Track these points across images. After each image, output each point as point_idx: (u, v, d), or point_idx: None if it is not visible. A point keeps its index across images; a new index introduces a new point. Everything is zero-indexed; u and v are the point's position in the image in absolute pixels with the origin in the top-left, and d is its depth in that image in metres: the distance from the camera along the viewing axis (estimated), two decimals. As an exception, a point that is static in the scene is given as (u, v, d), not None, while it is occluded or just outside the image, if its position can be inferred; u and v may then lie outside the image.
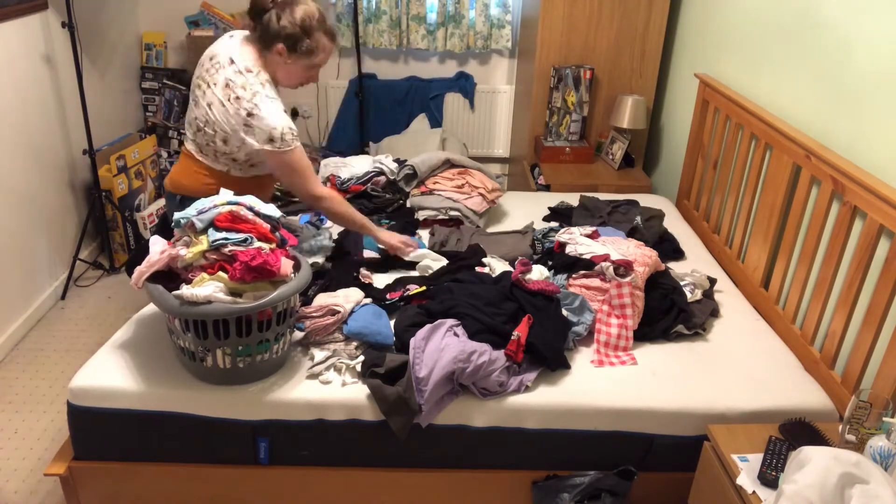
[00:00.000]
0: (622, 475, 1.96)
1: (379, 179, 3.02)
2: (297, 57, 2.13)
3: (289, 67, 2.15)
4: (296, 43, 2.10)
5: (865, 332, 1.90)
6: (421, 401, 1.86)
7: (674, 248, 2.74)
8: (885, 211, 1.83)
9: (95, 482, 2.00)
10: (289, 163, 2.15)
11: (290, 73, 2.18)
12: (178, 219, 1.84)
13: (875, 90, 1.99)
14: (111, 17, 3.85)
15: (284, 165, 2.16)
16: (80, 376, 1.94)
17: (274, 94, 2.14)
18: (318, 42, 2.13)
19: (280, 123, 2.09)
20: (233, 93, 2.09)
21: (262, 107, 2.09)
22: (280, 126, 2.09)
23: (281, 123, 2.09)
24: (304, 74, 2.20)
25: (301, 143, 2.19)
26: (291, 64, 2.14)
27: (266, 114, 2.08)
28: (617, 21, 3.50)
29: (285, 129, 2.10)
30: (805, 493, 1.40)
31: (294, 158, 2.15)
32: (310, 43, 2.12)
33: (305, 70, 2.19)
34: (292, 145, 2.13)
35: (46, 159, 3.21)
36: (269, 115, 2.09)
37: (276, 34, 2.09)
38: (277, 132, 2.08)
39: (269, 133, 2.08)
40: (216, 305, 1.71)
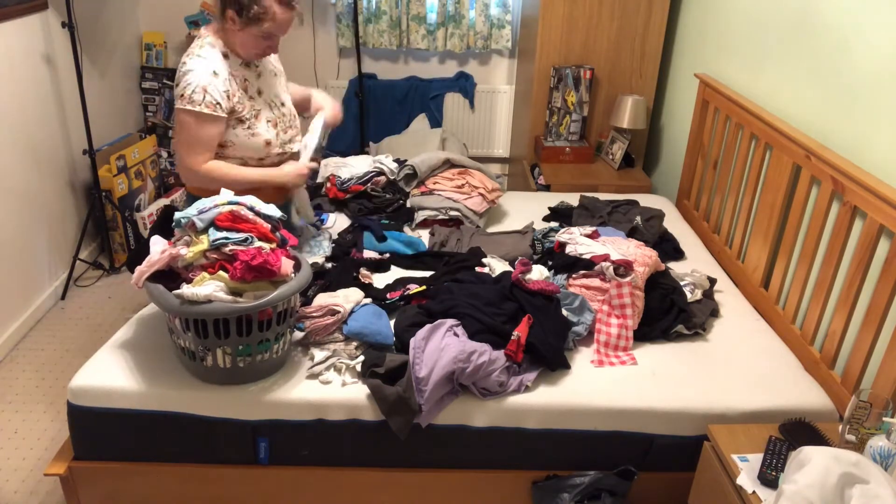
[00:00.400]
0: (622, 475, 1.96)
1: (379, 179, 3.02)
2: (246, 23, 2.03)
3: (242, 35, 2.06)
4: (242, 8, 2.01)
5: (865, 332, 1.90)
6: (421, 401, 1.86)
7: (674, 248, 2.74)
8: (885, 211, 1.83)
9: (95, 482, 2.00)
10: (180, 122, 2.03)
11: (243, 41, 2.08)
12: (179, 218, 1.84)
13: (875, 90, 1.99)
14: (111, 17, 3.85)
15: (178, 125, 2.04)
16: (80, 376, 1.94)
17: (209, 55, 2.05)
18: (266, 8, 2.01)
19: (196, 80, 2.00)
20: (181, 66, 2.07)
21: (189, 63, 2.04)
22: (194, 83, 2.00)
23: (196, 80, 2.00)
24: (258, 43, 2.09)
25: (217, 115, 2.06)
26: (242, 31, 2.05)
27: (188, 69, 2.02)
28: (617, 21, 3.50)
29: (197, 88, 2.00)
30: (805, 493, 1.40)
31: (187, 120, 2.01)
32: (257, 9, 2.00)
33: (258, 38, 2.07)
34: (196, 107, 2.00)
35: (46, 159, 3.21)
36: (190, 70, 2.02)
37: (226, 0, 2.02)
38: (189, 89, 2.00)
39: (182, 88, 2.01)
40: (216, 305, 1.71)
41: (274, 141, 2.20)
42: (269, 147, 2.18)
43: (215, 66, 2.05)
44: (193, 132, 2.04)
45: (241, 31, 2.05)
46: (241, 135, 2.11)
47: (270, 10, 2.02)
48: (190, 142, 2.06)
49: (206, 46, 2.07)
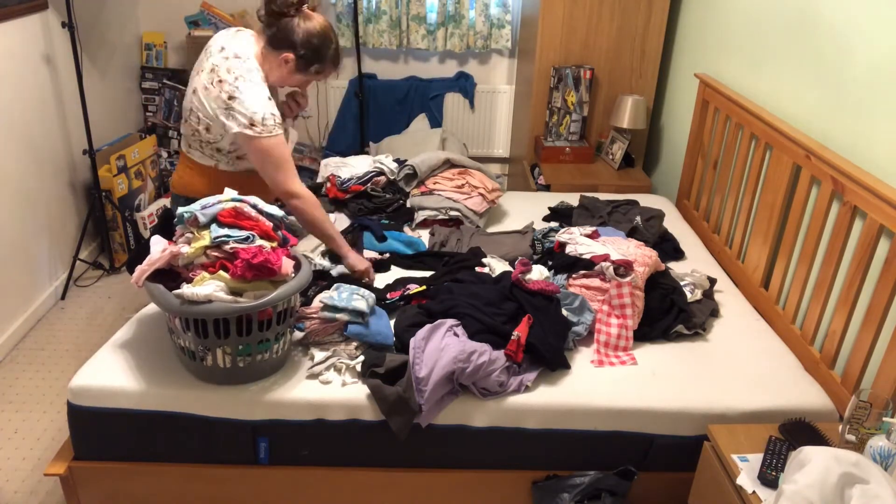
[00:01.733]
0: (622, 475, 1.96)
1: (379, 179, 3.02)
2: (301, 72, 2.16)
3: (287, 76, 2.16)
4: (308, 63, 2.13)
5: (865, 332, 1.90)
6: (421, 401, 1.86)
7: (674, 248, 2.74)
8: (885, 211, 1.83)
9: (95, 482, 2.00)
10: (266, 150, 2.09)
11: (285, 79, 2.18)
12: (182, 213, 1.84)
13: (875, 90, 1.99)
14: (111, 17, 3.85)
15: (261, 152, 2.10)
16: (80, 376, 1.94)
17: (259, 81, 2.10)
18: (326, 69, 2.18)
19: (262, 108, 2.06)
20: (216, 76, 2.07)
21: (245, 90, 2.06)
22: (262, 111, 2.05)
23: (263, 108, 2.06)
24: (297, 84, 2.23)
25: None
26: (290, 74, 2.16)
27: (248, 97, 2.05)
28: (617, 21, 3.50)
29: (266, 114, 2.06)
30: (805, 493, 1.40)
31: (272, 145, 2.09)
32: (319, 66, 2.16)
33: (300, 82, 2.22)
34: (273, 132, 2.08)
35: (46, 159, 3.21)
36: (251, 98, 2.05)
37: (292, 43, 2.10)
38: (258, 116, 2.05)
39: (249, 117, 2.05)
40: (217, 304, 1.71)
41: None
42: None
43: (266, 91, 2.11)
44: (280, 154, 2.11)
45: (291, 73, 2.16)
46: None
47: (328, 71, 2.20)
48: (281, 164, 2.13)
49: (254, 71, 2.11)
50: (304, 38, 2.10)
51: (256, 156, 2.12)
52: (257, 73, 2.11)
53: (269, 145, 2.08)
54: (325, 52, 2.14)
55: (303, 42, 2.10)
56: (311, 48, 2.11)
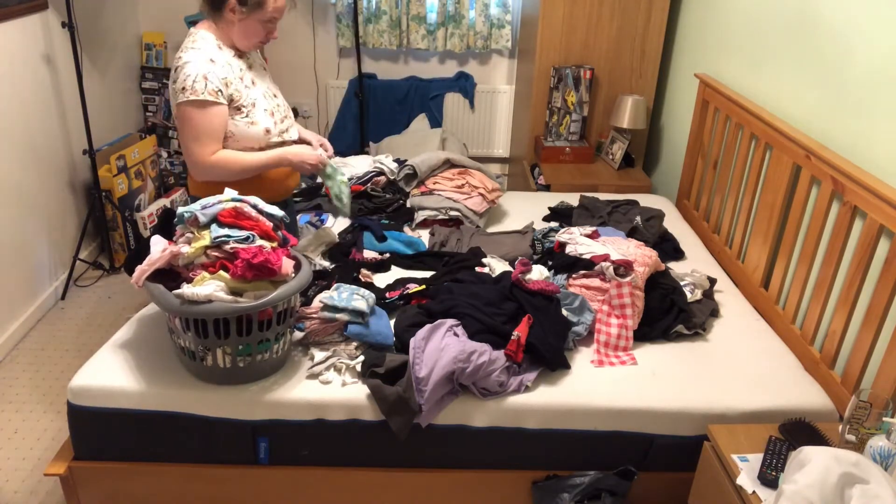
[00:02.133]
0: (622, 475, 1.96)
1: (379, 179, 3.02)
2: (248, 10, 2.05)
3: (244, 24, 2.07)
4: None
5: (865, 332, 1.90)
6: (421, 401, 1.86)
7: (674, 248, 2.74)
8: (885, 211, 1.83)
9: (95, 482, 2.00)
10: (185, 116, 1.99)
11: (246, 30, 2.08)
12: (182, 213, 1.84)
13: (875, 90, 1.99)
14: (111, 17, 3.85)
15: (180, 119, 2.00)
16: (80, 376, 1.94)
17: (203, 46, 2.05)
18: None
19: (195, 70, 1.98)
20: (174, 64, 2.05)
21: (185, 58, 2.01)
22: (194, 73, 1.97)
23: (196, 70, 1.98)
24: (260, 30, 2.10)
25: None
26: (245, 19, 2.06)
27: (186, 64, 2.00)
28: (617, 21, 3.50)
29: (198, 77, 1.97)
30: (805, 493, 1.40)
31: (192, 113, 1.98)
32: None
33: (260, 25, 2.09)
34: (200, 96, 1.97)
35: (46, 159, 3.21)
36: (187, 62, 2.00)
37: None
38: (189, 80, 1.97)
39: (182, 81, 1.98)
40: (217, 304, 1.71)
41: (272, 129, 2.18)
42: (269, 135, 2.16)
43: (211, 55, 2.05)
44: (199, 123, 2.01)
45: (244, 21, 2.06)
46: (240, 124, 2.10)
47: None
48: (197, 134, 2.02)
49: (198, 39, 2.07)
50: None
51: (178, 125, 2.03)
52: (202, 41, 2.06)
53: (188, 113, 1.99)
54: None
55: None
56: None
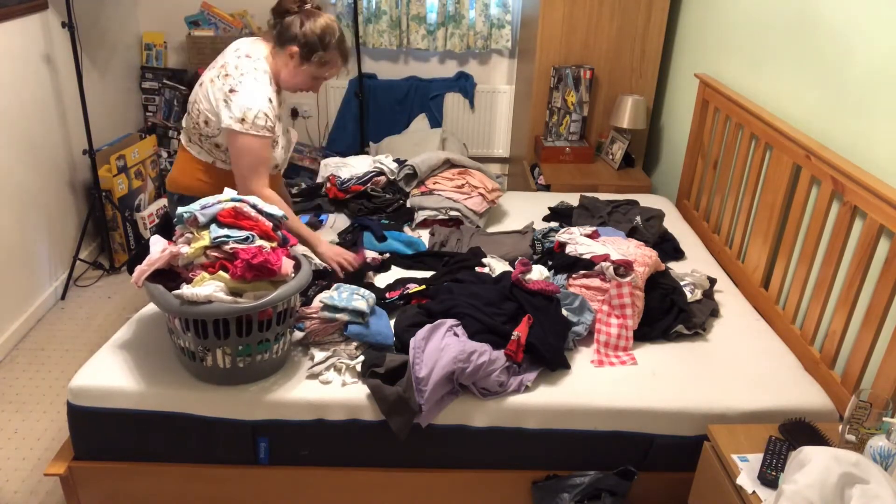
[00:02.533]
0: (622, 475, 1.96)
1: (379, 179, 3.02)
2: (308, 64, 2.15)
3: (295, 71, 2.16)
4: (311, 51, 2.13)
5: (865, 332, 1.90)
6: (421, 401, 1.86)
7: (674, 248, 2.74)
8: (885, 211, 1.83)
9: (95, 482, 2.00)
10: (247, 148, 2.08)
11: (295, 76, 2.18)
12: (181, 213, 1.84)
13: (875, 90, 1.99)
14: (111, 17, 3.85)
15: (241, 149, 2.09)
16: (80, 376, 1.94)
17: (264, 81, 2.12)
18: (332, 58, 2.17)
19: (257, 105, 2.07)
20: (225, 71, 2.11)
21: (246, 85, 2.07)
22: (256, 108, 2.07)
23: (258, 105, 2.07)
24: (307, 82, 2.21)
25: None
26: (299, 69, 2.16)
27: (247, 93, 2.07)
28: (617, 21, 3.50)
29: (259, 113, 2.07)
30: (805, 493, 1.40)
31: (253, 145, 2.08)
32: (324, 55, 2.15)
33: (311, 79, 2.20)
34: (259, 132, 2.08)
35: (46, 159, 3.21)
36: (250, 94, 2.07)
37: (294, 36, 2.12)
38: (251, 113, 2.06)
39: (242, 112, 2.06)
40: (216, 305, 1.71)
41: (280, 164, 2.31)
42: (274, 169, 2.27)
43: (270, 93, 2.12)
44: (258, 156, 2.11)
45: (298, 68, 2.16)
46: None
47: (335, 60, 2.18)
48: (256, 166, 2.12)
49: (261, 70, 2.13)
50: (308, 29, 2.12)
51: (234, 151, 2.11)
52: (264, 74, 2.13)
53: (250, 144, 2.09)
54: (328, 41, 2.14)
55: (305, 32, 2.11)
56: (313, 36, 2.12)
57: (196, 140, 2.19)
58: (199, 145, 2.20)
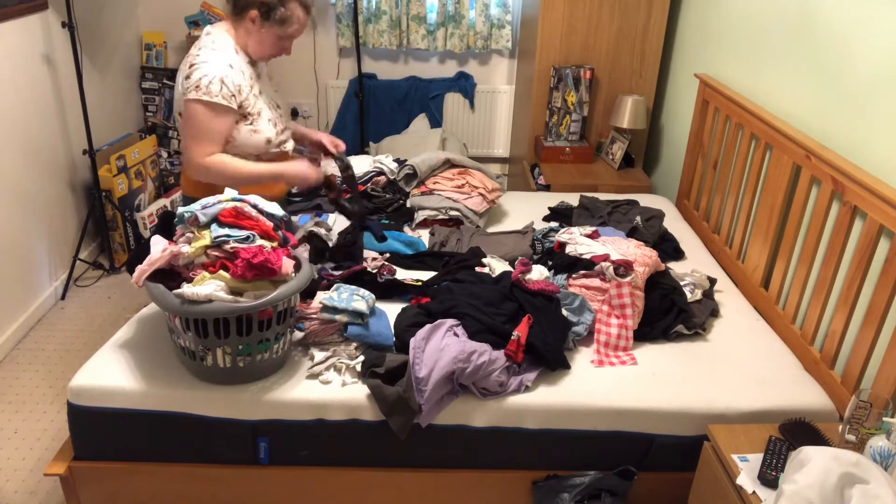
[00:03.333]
0: (622, 475, 1.96)
1: (379, 179, 3.02)
2: (269, 25, 2.07)
3: (261, 35, 2.09)
4: (270, 10, 2.05)
5: (865, 332, 1.90)
6: (421, 401, 1.86)
7: (674, 248, 2.74)
8: (885, 211, 1.83)
9: (95, 482, 2.00)
10: (191, 112, 2.00)
11: (262, 41, 2.11)
12: (182, 213, 1.85)
13: (875, 90, 1.99)
14: (111, 17, 3.85)
15: (186, 116, 2.01)
16: (80, 376, 1.94)
17: (224, 48, 2.06)
18: (292, 11, 2.08)
19: (213, 71, 2.00)
20: (187, 59, 2.06)
21: (203, 55, 2.03)
22: (212, 74, 1.99)
23: (214, 72, 2.00)
24: (276, 44, 2.13)
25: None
26: (264, 32, 2.09)
27: (202, 61, 2.01)
28: (617, 21, 3.50)
29: (215, 79, 1.99)
30: (805, 494, 1.40)
31: (198, 110, 1.99)
32: (284, 11, 2.06)
33: (278, 39, 2.12)
34: (213, 98, 1.99)
35: (46, 159, 3.21)
36: (205, 62, 2.01)
37: (250, 1, 2.05)
38: (205, 80, 1.99)
39: (197, 80, 2.00)
40: (217, 304, 1.71)
41: (273, 139, 2.20)
42: (269, 145, 2.18)
43: (230, 59, 2.07)
44: (205, 123, 2.02)
45: (261, 31, 2.09)
46: (243, 131, 2.11)
47: (295, 13, 2.09)
48: (199, 133, 2.03)
49: (218, 41, 2.08)
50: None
51: (182, 120, 2.04)
52: (224, 43, 2.08)
53: (195, 109, 2.00)
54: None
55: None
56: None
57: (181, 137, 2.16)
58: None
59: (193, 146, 2.04)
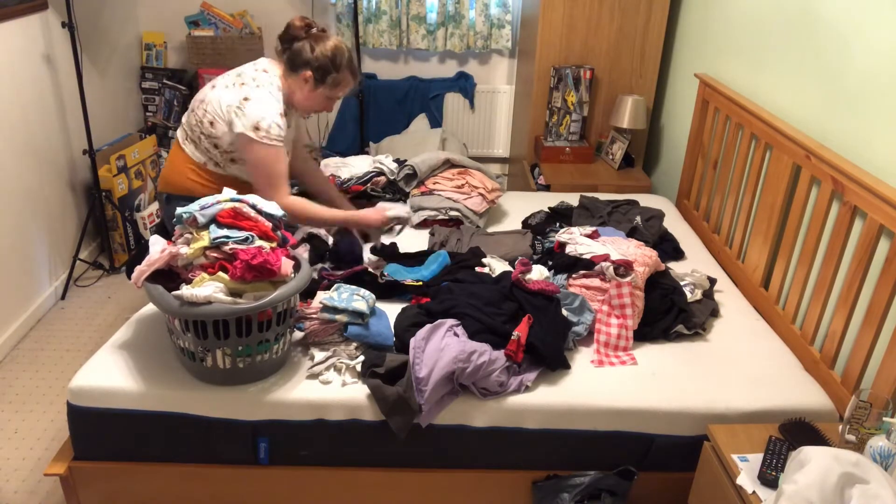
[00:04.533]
0: (622, 475, 1.96)
1: (379, 179, 3.02)
2: (322, 87, 2.24)
3: (310, 94, 2.25)
4: (324, 74, 2.22)
5: (865, 332, 1.90)
6: (421, 401, 1.86)
7: (674, 248, 2.74)
8: (885, 211, 1.83)
9: (95, 482, 2.00)
10: (263, 158, 2.17)
11: (310, 99, 2.26)
12: (181, 213, 1.85)
13: (875, 90, 1.99)
14: (111, 17, 3.85)
15: (258, 160, 2.18)
16: (80, 376, 1.94)
17: (278, 96, 2.20)
18: (344, 77, 2.27)
19: (270, 116, 2.15)
20: (241, 80, 2.19)
21: (261, 96, 2.16)
22: (270, 118, 2.14)
23: (271, 117, 2.15)
24: (322, 103, 2.31)
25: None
26: (314, 92, 2.24)
27: (261, 102, 2.15)
28: (617, 21, 3.50)
29: (272, 124, 2.15)
30: (805, 494, 1.40)
31: (269, 155, 2.17)
32: (337, 76, 2.24)
33: (325, 99, 2.29)
34: (273, 143, 2.15)
35: (46, 159, 3.21)
36: (264, 105, 2.15)
37: (306, 62, 2.20)
38: (265, 122, 2.13)
39: (256, 120, 2.13)
40: (216, 306, 1.71)
41: None
42: None
43: (280, 108, 2.21)
44: (274, 166, 2.20)
45: (313, 91, 2.24)
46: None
47: (347, 80, 2.28)
48: (273, 176, 2.21)
49: (275, 88, 2.22)
50: (317, 54, 2.20)
51: (251, 161, 2.19)
52: (278, 91, 2.22)
53: (265, 154, 2.16)
54: (339, 62, 2.23)
55: (317, 56, 2.20)
56: (325, 60, 2.21)
57: (194, 138, 2.21)
58: (195, 143, 2.22)
59: (271, 189, 2.21)
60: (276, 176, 2.22)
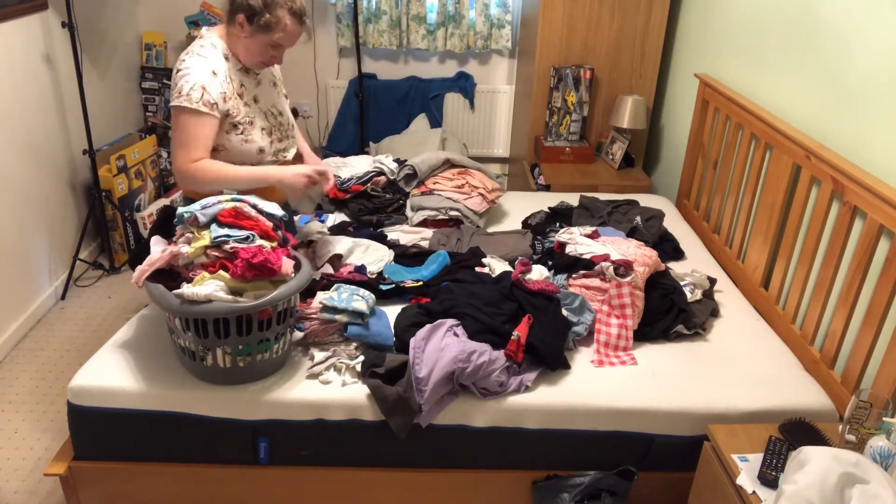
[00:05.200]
0: (622, 475, 1.96)
1: (379, 179, 3.02)
2: (254, 30, 2.02)
3: (247, 41, 2.06)
4: (254, 15, 2.00)
5: (865, 332, 1.90)
6: (421, 401, 1.86)
7: (674, 248, 2.74)
8: (885, 211, 1.83)
9: (95, 482, 2.00)
10: (177, 122, 2.01)
11: (249, 47, 2.07)
12: (182, 213, 1.85)
13: (875, 90, 1.99)
14: (111, 17, 3.85)
15: (175, 124, 2.02)
16: (80, 376, 1.94)
17: (210, 55, 2.05)
18: (278, 18, 2.02)
19: (195, 78, 2.00)
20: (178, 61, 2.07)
21: (188, 61, 2.03)
22: (193, 81, 1.99)
23: (196, 78, 2.00)
24: (263, 52, 2.08)
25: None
26: (250, 38, 2.05)
27: (187, 67, 2.02)
28: (617, 21, 3.50)
29: (196, 86, 1.99)
30: (805, 494, 1.40)
31: (184, 119, 2.00)
32: (269, 17, 2.00)
33: (265, 47, 2.07)
34: (193, 104, 1.98)
35: (46, 159, 3.21)
36: (189, 68, 2.01)
37: (239, 5, 2.02)
38: (187, 86, 1.99)
39: (179, 86, 2.00)
40: (216, 304, 1.71)
41: (267, 149, 2.18)
42: (262, 154, 2.16)
43: (214, 66, 2.05)
44: (189, 130, 2.01)
45: (249, 38, 2.05)
46: (234, 140, 2.10)
47: (282, 20, 2.03)
48: (185, 140, 2.02)
49: (207, 46, 2.07)
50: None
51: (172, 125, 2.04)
52: (211, 48, 2.07)
53: (181, 119, 2.00)
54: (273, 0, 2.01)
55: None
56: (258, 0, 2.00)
57: None
58: None
59: (179, 152, 2.03)
60: (190, 140, 2.00)
